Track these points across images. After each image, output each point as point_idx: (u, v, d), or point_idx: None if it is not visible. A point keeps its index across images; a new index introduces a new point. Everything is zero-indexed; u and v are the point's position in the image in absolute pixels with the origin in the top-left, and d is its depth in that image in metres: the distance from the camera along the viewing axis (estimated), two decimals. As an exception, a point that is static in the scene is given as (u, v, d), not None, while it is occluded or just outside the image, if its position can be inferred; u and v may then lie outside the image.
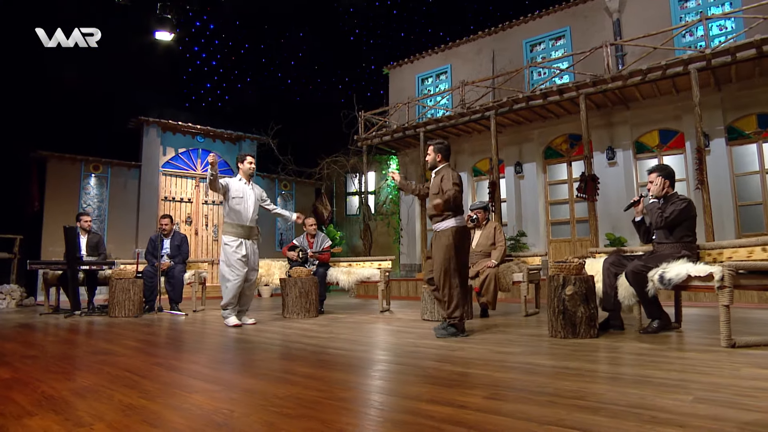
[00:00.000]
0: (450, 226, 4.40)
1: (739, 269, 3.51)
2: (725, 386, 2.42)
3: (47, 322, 6.00)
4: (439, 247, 4.42)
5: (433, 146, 4.56)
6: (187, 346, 4.11)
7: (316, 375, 2.88)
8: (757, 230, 8.12)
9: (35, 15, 8.53)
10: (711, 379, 2.55)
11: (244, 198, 5.65)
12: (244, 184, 5.73)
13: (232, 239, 5.59)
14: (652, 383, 2.50)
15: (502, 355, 3.42)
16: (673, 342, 3.81)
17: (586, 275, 4.27)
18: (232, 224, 5.61)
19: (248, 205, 5.67)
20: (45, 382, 2.75)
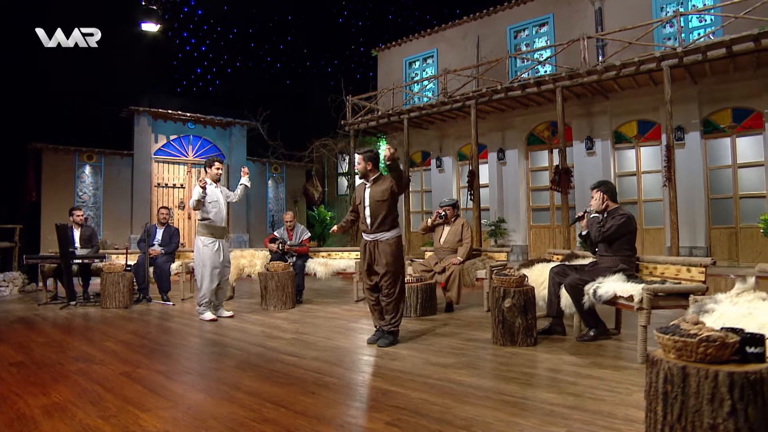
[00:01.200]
0: (398, 235, 4.68)
1: (657, 292, 3.83)
2: (605, 415, 2.78)
3: (44, 316, 6.47)
4: (392, 255, 4.59)
5: (362, 155, 4.57)
6: (160, 349, 4.54)
7: (258, 390, 3.28)
8: (727, 223, 8.36)
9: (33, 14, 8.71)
10: (597, 407, 2.90)
11: (218, 201, 6.02)
12: (214, 188, 6.08)
13: (209, 240, 5.98)
14: (542, 411, 2.87)
15: (433, 368, 3.80)
16: (597, 354, 4.16)
17: (527, 287, 4.60)
18: (209, 226, 5.99)
19: (221, 207, 6.06)
20: (22, 398, 3.18)
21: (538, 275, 5.42)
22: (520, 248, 10.79)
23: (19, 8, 8.60)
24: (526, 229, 10.93)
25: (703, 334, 1.92)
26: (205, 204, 5.90)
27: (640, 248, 9.18)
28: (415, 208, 12.97)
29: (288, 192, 13.28)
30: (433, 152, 12.33)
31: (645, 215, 9.18)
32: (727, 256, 8.37)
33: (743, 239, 8.22)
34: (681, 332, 1.99)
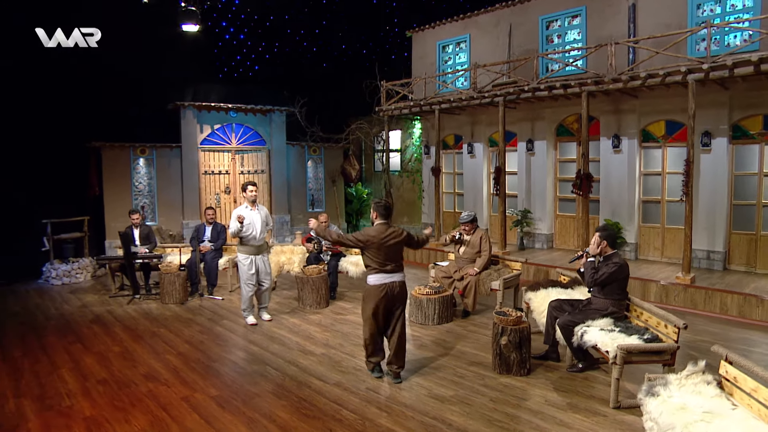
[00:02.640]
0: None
1: (630, 350, 4.37)
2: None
3: (115, 313, 7.58)
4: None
5: (373, 205, 5.05)
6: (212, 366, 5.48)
7: (287, 425, 4.12)
8: (749, 229, 8.46)
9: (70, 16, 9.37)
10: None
11: (252, 224, 6.75)
12: (250, 210, 6.81)
13: (244, 257, 6.82)
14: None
15: (432, 404, 4.55)
16: (577, 393, 4.78)
17: (523, 325, 5.20)
18: (245, 245, 6.81)
19: (256, 228, 6.80)
20: (112, 425, 4.15)
21: (541, 302, 5.98)
22: (545, 237, 11.19)
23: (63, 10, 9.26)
24: (552, 218, 11.26)
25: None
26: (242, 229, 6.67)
27: (661, 246, 9.51)
28: (448, 189, 13.42)
29: (326, 172, 13.94)
30: (465, 137, 12.59)
31: (667, 215, 9.36)
32: (745, 262, 8.56)
33: (764, 246, 8.36)
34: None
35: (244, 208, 6.79)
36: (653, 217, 9.68)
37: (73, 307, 7.96)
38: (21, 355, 5.79)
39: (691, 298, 7.62)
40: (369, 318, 4.94)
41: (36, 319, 7.30)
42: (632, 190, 9.74)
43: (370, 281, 4.92)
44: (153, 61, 10.81)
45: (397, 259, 4.96)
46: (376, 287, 4.88)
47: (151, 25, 10.43)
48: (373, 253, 4.86)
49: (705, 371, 3.64)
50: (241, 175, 12.50)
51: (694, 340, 6.30)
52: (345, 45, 14.67)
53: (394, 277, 4.93)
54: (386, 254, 4.86)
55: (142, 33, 10.34)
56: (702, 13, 8.59)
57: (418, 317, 7.06)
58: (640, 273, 8.60)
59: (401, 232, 5.03)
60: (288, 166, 13.13)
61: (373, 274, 4.91)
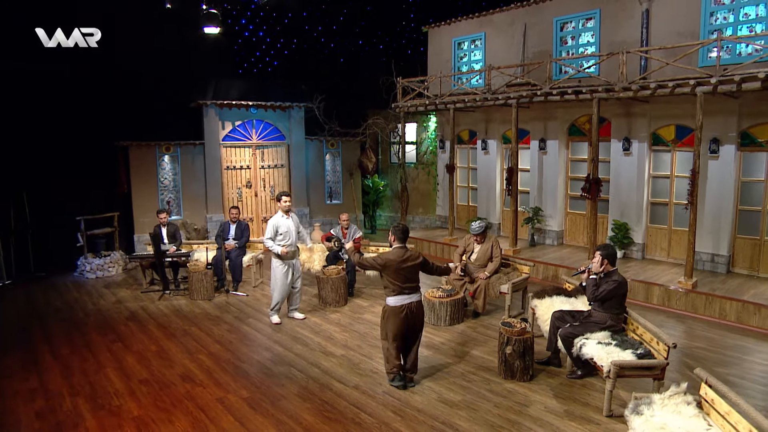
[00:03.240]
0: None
1: (622, 366, 4.77)
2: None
3: (148, 310, 8.17)
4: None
5: (391, 229, 5.43)
6: (242, 367, 6.01)
7: (312, 427, 4.64)
8: (753, 234, 8.69)
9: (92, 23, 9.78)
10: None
11: (288, 232, 7.22)
12: (285, 219, 7.27)
13: (280, 263, 7.29)
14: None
15: (442, 408, 5.03)
16: (574, 400, 5.22)
17: (527, 335, 5.63)
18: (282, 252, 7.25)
19: (291, 236, 7.27)
20: (158, 426, 4.70)
21: (545, 310, 6.38)
22: (555, 233, 11.51)
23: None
24: (563, 215, 11.55)
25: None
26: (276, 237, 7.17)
27: (667, 247, 9.81)
28: (462, 183, 13.75)
29: (344, 165, 14.31)
30: (480, 133, 12.84)
31: (675, 217, 9.61)
32: (748, 265, 8.82)
33: (766, 252, 8.62)
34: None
35: (279, 217, 7.24)
36: (661, 218, 9.94)
37: (108, 302, 8.56)
38: (69, 353, 6.40)
39: (692, 302, 7.96)
40: (391, 339, 5.29)
41: (77, 315, 7.91)
42: (641, 192, 10.00)
43: (390, 302, 5.26)
44: (176, 61, 11.19)
45: (414, 280, 5.32)
46: (396, 308, 5.21)
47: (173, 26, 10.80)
48: (391, 275, 5.22)
49: (686, 392, 4.04)
50: (261, 170, 12.95)
51: (690, 347, 6.69)
52: (362, 40, 14.88)
53: (413, 297, 5.27)
54: (405, 276, 5.21)
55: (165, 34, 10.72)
56: (715, 21, 8.69)
57: (431, 318, 7.51)
58: (646, 275, 8.93)
59: (417, 256, 5.40)
60: (307, 160, 13.54)
61: (393, 296, 5.24)
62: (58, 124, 10.39)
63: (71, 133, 10.49)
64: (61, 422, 4.75)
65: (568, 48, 10.79)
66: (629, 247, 10.14)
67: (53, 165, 10.44)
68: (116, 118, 10.88)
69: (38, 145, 10.32)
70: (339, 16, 14.04)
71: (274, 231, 7.15)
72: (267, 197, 13.15)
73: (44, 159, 10.38)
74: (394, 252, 5.32)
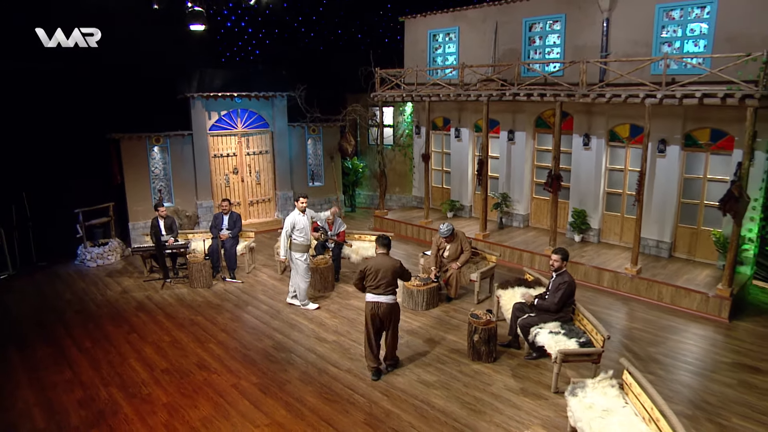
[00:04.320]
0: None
1: (567, 353, 5.88)
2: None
3: (154, 300, 8.97)
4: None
5: (376, 238, 6.40)
6: (249, 355, 6.94)
7: (315, 408, 5.64)
8: (692, 224, 9.89)
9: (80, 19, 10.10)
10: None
11: (304, 228, 8.17)
12: (301, 216, 8.18)
13: (301, 255, 8.25)
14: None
15: (420, 388, 6.09)
16: (529, 379, 6.34)
17: (491, 325, 6.69)
18: (299, 245, 8.20)
19: (306, 232, 8.23)
20: (186, 411, 5.64)
21: (508, 300, 7.46)
22: (522, 217, 12.58)
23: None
24: (529, 200, 12.60)
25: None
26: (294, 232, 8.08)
27: (620, 232, 10.99)
28: (437, 166, 14.62)
29: (325, 149, 14.98)
30: (453, 121, 13.63)
31: (627, 206, 10.74)
32: (687, 251, 10.06)
33: (701, 240, 9.83)
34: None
35: (296, 214, 8.18)
36: (615, 207, 11.08)
37: (115, 292, 9.32)
38: (92, 346, 7.21)
39: (636, 286, 9.18)
40: (366, 325, 6.30)
41: (89, 307, 8.66)
42: (598, 183, 11.07)
43: (366, 298, 6.25)
44: (162, 53, 11.54)
45: (387, 285, 6.09)
46: (368, 303, 6.20)
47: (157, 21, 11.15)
48: (369, 277, 6.16)
49: (612, 377, 5.17)
50: (247, 156, 13.55)
51: (629, 328, 7.90)
52: (341, 30, 15.30)
53: (381, 298, 6.08)
54: (378, 280, 6.10)
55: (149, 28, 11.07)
56: (666, 33, 9.58)
57: (410, 304, 8.55)
58: (599, 260, 10.10)
59: (396, 264, 6.24)
60: (290, 146, 14.17)
61: (367, 293, 6.23)
62: (53, 122, 10.78)
63: (66, 129, 10.91)
64: (102, 410, 5.64)
65: (536, 47, 11.57)
66: (587, 232, 11.29)
67: (50, 160, 10.89)
68: (107, 113, 11.29)
69: (35, 142, 10.74)
70: (318, 6, 14.40)
71: (291, 226, 8.08)
72: (253, 182, 13.82)
73: (41, 155, 10.82)
74: (376, 259, 6.28)
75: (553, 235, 10.37)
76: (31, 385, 6.17)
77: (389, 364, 6.55)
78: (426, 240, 12.60)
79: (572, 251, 10.51)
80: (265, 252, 11.58)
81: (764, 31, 8.41)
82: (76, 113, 10.94)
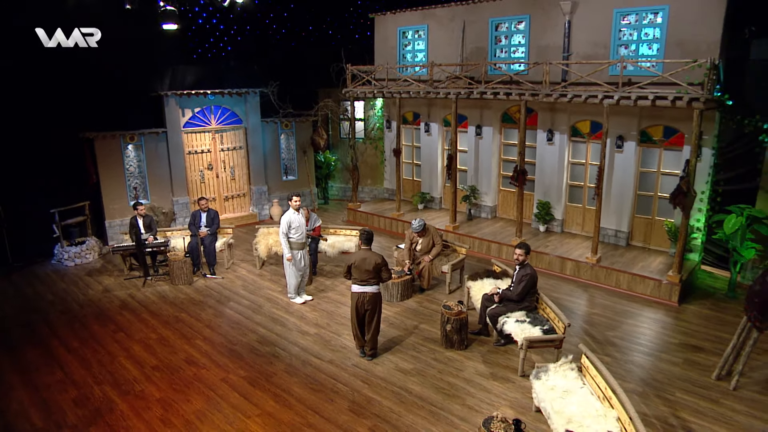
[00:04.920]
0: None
1: (532, 340, 6.45)
2: (478, 426, 5.56)
3: (137, 298, 9.16)
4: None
5: (359, 234, 7.02)
6: (235, 350, 7.28)
7: (302, 397, 6.05)
8: (647, 214, 10.64)
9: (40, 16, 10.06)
10: (476, 419, 5.69)
11: (300, 226, 8.44)
12: (296, 215, 8.42)
13: (296, 252, 8.58)
14: (446, 420, 5.66)
15: (398, 375, 6.57)
16: (498, 364, 6.91)
17: (462, 315, 7.22)
18: (293, 242, 8.49)
19: (302, 230, 8.49)
20: (180, 405, 5.97)
21: (478, 290, 8.01)
22: (490, 208, 13.18)
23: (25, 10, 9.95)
24: (496, 192, 13.19)
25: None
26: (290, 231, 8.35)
27: (582, 222, 11.68)
28: (407, 159, 15.05)
29: (298, 143, 15.19)
30: (423, 116, 14.06)
31: (588, 198, 11.44)
32: (643, 240, 10.83)
33: (656, 229, 10.61)
34: (491, 429, 4.65)
35: (292, 213, 8.39)
36: (577, 198, 11.75)
37: (96, 291, 9.47)
38: (79, 346, 7.42)
39: (596, 274, 9.88)
40: (351, 318, 6.87)
41: (72, 307, 8.80)
42: (561, 176, 11.71)
43: (352, 289, 6.83)
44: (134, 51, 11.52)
45: (369, 277, 6.68)
46: (354, 294, 6.81)
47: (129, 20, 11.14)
48: (354, 270, 6.73)
49: (572, 362, 5.75)
50: (221, 152, 13.69)
51: (589, 314, 8.57)
52: (312, 26, 15.46)
53: (365, 288, 6.72)
54: (361, 273, 6.68)
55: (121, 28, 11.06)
56: (622, 36, 10.19)
57: (385, 296, 8.99)
58: (562, 249, 10.77)
59: (379, 260, 6.73)
60: (263, 141, 14.35)
61: (353, 285, 6.79)
62: (25, 121, 10.68)
63: (38, 128, 10.83)
64: (98, 408, 5.92)
65: (502, 46, 12.06)
66: (551, 222, 11.95)
67: (23, 160, 10.82)
68: (81, 112, 11.26)
69: (6, 142, 10.65)
70: (289, 2, 14.51)
71: (288, 226, 8.32)
72: (228, 178, 13.98)
73: (13, 155, 10.74)
74: (359, 254, 6.78)
75: (519, 226, 10.96)
76: (25, 387, 6.38)
77: (369, 354, 7.02)
78: (398, 232, 13.07)
79: (537, 241, 11.17)
80: (243, 247, 11.84)
81: (710, 38, 9.09)
82: (49, 112, 10.88)
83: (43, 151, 10.97)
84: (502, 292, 7.21)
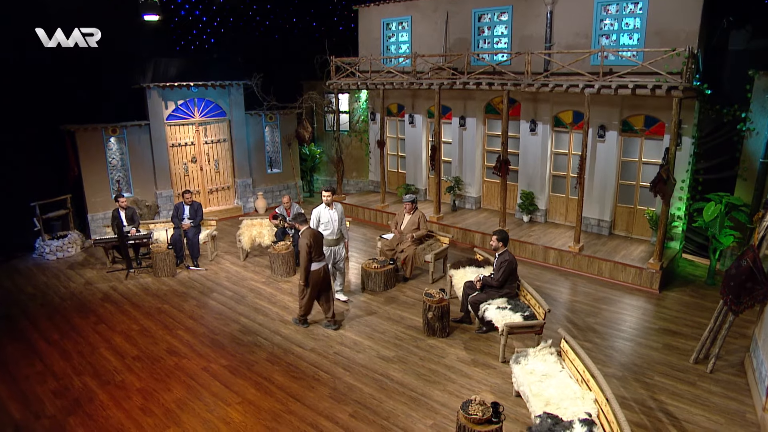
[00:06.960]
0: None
1: (512, 326, 6.50)
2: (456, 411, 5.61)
3: (119, 290, 9.09)
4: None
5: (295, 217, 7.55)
6: (217, 340, 7.25)
7: (283, 385, 6.06)
8: (629, 203, 10.75)
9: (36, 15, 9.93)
10: (455, 405, 5.74)
11: (329, 221, 8.10)
12: (326, 210, 8.16)
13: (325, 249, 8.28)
14: (427, 406, 5.70)
15: (380, 363, 6.59)
16: (479, 351, 6.96)
17: (443, 303, 7.25)
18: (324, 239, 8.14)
19: (333, 225, 8.13)
20: (160, 394, 5.95)
21: (460, 279, 8.04)
22: (474, 199, 13.23)
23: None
24: (480, 183, 13.24)
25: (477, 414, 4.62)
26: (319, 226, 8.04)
27: (565, 212, 11.77)
28: (392, 151, 15.05)
29: (282, 136, 15.13)
30: (407, 108, 14.05)
31: (571, 188, 11.52)
32: (624, 228, 10.95)
33: (637, 218, 10.72)
34: (469, 412, 4.69)
35: (322, 208, 8.14)
36: (560, 188, 11.84)
37: (78, 284, 9.37)
38: (60, 338, 7.35)
39: (579, 263, 9.97)
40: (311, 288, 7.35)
41: (53, 299, 8.71)
42: (544, 166, 11.78)
43: (312, 268, 7.23)
44: (115, 42, 11.37)
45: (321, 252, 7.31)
46: (314, 272, 7.24)
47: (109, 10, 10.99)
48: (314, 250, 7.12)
49: (551, 346, 5.81)
50: (205, 145, 13.59)
51: (571, 301, 8.65)
52: (296, 18, 15.37)
53: (323, 263, 7.35)
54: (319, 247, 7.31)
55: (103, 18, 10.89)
56: (604, 26, 10.25)
57: (369, 285, 9.02)
58: (546, 239, 10.84)
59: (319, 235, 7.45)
60: (247, 134, 14.26)
61: (313, 263, 7.22)
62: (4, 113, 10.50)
63: (18, 121, 10.65)
64: (78, 398, 5.88)
65: (485, 37, 12.08)
66: (535, 212, 12.02)
67: (2, 154, 10.65)
68: (61, 104, 11.11)
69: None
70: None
71: (317, 220, 8.11)
72: (212, 171, 13.89)
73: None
74: (306, 233, 7.13)
75: (503, 216, 11.02)
76: (3, 379, 6.31)
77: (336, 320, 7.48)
78: (383, 223, 13.08)
79: (521, 231, 11.25)
80: (227, 239, 11.78)
81: (688, 27, 9.17)
82: (29, 105, 10.70)
83: (23, 143, 10.79)
84: (483, 279, 7.25)
